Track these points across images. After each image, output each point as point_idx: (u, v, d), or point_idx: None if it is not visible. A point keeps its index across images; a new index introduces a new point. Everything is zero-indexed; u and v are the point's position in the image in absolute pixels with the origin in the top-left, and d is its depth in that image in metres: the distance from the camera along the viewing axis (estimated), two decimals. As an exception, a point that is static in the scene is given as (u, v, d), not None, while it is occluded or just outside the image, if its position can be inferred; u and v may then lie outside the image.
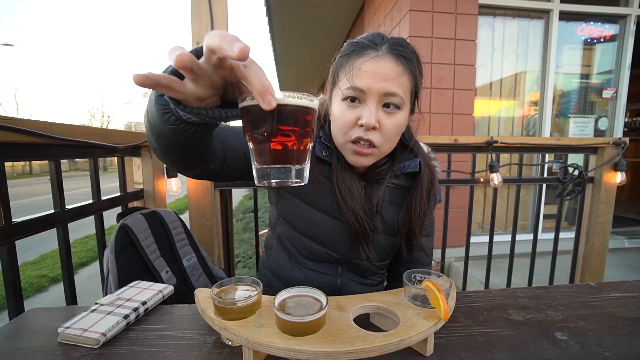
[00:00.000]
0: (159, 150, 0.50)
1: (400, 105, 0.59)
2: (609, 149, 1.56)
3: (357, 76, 0.57)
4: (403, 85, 0.58)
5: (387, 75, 0.57)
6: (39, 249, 3.76)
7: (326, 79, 0.69)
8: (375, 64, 0.57)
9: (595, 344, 0.50)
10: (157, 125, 0.43)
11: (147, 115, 0.46)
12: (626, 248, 2.90)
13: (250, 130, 0.37)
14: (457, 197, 2.55)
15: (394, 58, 0.58)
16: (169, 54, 0.33)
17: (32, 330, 0.55)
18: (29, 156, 0.74)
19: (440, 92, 2.59)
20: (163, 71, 0.38)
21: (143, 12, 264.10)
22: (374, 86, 0.57)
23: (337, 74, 0.62)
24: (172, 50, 0.32)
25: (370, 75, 0.57)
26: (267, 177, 0.38)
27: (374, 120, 0.57)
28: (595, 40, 2.99)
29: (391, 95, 0.57)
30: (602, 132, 3.09)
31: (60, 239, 0.85)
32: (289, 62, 6.88)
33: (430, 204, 0.68)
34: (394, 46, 0.59)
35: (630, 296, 0.67)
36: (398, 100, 0.58)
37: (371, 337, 0.43)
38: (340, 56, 0.63)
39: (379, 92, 0.57)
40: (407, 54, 0.59)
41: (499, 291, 0.70)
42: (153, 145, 0.51)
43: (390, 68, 0.57)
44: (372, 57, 0.57)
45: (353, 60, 0.59)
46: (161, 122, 0.42)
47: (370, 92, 0.57)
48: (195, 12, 1.30)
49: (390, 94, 0.57)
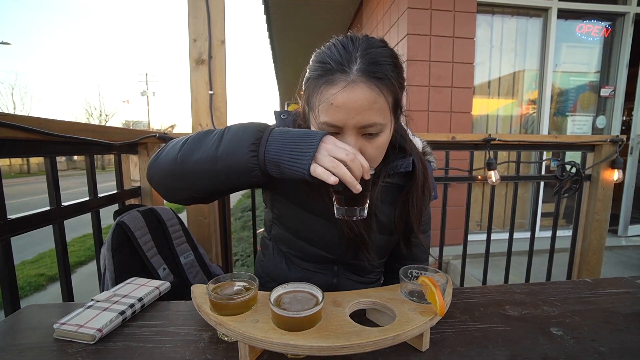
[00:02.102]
0: (192, 186, 0.56)
1: (380, 129, 0.55)
2: (606, 146, 1.56)
3: (330, 111, 0.53)
4: (381, 109, 0.54)
5: (362, 107, 0.52)
6: (37, 247, 3.75)
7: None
8: (347, 97, 0.51)
9: (590, 339, 0.51)
10: (231, 174, 0.52)
11: (210, 161, 0.53)
12: (623, 246, 2.92)
13: (336, 192, 0.55)
14: (455, 195, 2.55)
15: (367, 85, 0.52)
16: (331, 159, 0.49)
17: (28, 327, 0.54)
18: (24, 153, 0.74)
19: (438, 90, 2.60)
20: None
21: (140, 9, 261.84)
22: (349, 122, 0.53)
23: (309, 99, 0.57)
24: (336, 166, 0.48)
25: (344, 111, 0.52)
26: (342, 213, 0.56)
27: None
28: (593, 38, 3.00)
29: (369, 126, 0.54)
30: (600, 130, 3.10)
31: (57, 236, 0.85)
32: (287, 60, 6.86)
33: (425, 199, 0.68)
34: (366, 68, 0.52)
35: (625, 292, 0.67)
36: (377, 128, 0.55)
37: (367, 332, 0.43)
38: (309, 77, 0.58)
39: (356, 126, 0.54)
40: (382, 73, 0.53)
41: (495, 287, 0.70)
42: (184, 183, 0.56)
43: (364, 98, 0.52)
44: (342, 87, 0.51)
45: (322, 89, 0.53)
46: (241, 173, 0.52)
47: (347, 127, 0.54)
48: (192, 10, 1.29)
49: (368, 126, 0.54)
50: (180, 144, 0.56)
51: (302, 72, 0.62)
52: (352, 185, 0.48)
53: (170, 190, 0.59)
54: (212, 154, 0.52)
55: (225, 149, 0.52)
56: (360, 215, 0.55)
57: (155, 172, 0.58)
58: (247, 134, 0.51)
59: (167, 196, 0.61)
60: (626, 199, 3.12)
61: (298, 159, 0.49)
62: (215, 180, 0.54)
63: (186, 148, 0.55)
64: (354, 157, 0.48)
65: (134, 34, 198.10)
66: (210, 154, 0.52)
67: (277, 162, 0.50)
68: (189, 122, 1.36)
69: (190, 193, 0.58)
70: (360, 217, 0.55)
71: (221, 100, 1.33)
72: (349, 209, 0.54)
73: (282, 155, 0.50)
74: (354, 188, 0.48)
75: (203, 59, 1.30)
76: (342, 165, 0.48)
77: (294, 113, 0.70)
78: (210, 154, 0.52)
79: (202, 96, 1.32)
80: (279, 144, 0.50)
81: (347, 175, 0.48)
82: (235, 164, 0.51)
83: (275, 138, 0.51)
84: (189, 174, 0.54)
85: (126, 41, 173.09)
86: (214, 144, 0.53)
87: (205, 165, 0.53)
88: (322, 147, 0.49)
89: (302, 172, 0.49)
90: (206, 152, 0.53)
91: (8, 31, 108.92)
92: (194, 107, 1.33)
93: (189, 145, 0.55)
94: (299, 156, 0.49)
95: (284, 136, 0.51)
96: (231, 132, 0.53)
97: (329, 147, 0.49)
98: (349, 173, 0.48)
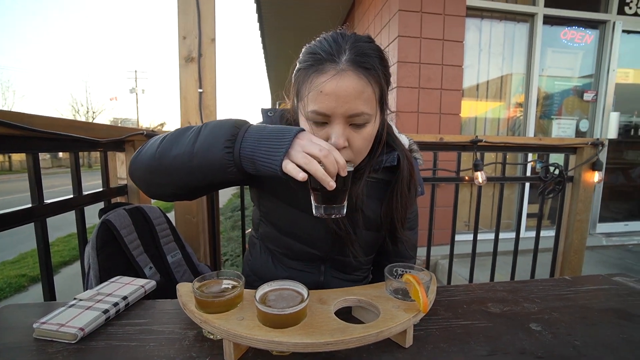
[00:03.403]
0: (170, 181, 0.56)
1: (367, 120, 0.57)
2: (587, 149, 1.62)
3: (319, 99, 0.54)
4: (368, 99, 0.56)
5: (350, 95, 0.54)
6: (19, 247, 3.65)
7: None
8: (337, 84, 0.53)
9: (567, 334, 0.52)
10: (208, 170, 0.52)
11: (187, 157, 0.53)
12: (604, 246, 3.01)
13: (314, 189, 0.54)
14: (443, 195, 2.59)
15: (356, 73, 0.54)
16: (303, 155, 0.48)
17: (7, 327, 0.53)
18: (4, 149, 0.72)
19: (428, 92, 2.63)
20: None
21: (130, 4, 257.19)
22: (337, 110, 0.54)
23: (299, 90, 0.59)
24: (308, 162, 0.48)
25: (333, 99, 0.54)
26: (320, 211, 0.55)
27: (343, 141, 0.56)
28: (577, 44, 3.09)
29: (357, 115, 0.55)
30: (582, 133, 3.20)
31: (39, 234, 0.83)
32: (278, 59, 6.84)
33: (411, 195, 0.69)
34: (355, 58, 0.54)
35: (601, 289, 0.70)
36: (365, 118, 0.56)
37: (351, 329, 0.44)
38: (299, 69, 0.59)
39: (344, 115, 0.55)
40: (369, 64, 0.55)
41: (479, 285, 0.71)
42: (163, 179, 0.56)
43: (352, 87, 0.53)
44: (331, 75, 0.53)
45: (312, 78, 0.55)
46: (217, 169, 0.51)
47: (335, 115, 0.55)
48: (182, 7, 1.28)
49: (355, 115, 0.55)
50: (159, 140, 0.56)
51: (292, 66, 0.63)
52: (325, 182, 0.47)
53: (150, 186, 0.59)
54: (189, 149, 0.52)
55: (201, 145, 0.52)
56: (339, 214, 0.54)
57: (136, 167, 0.59)
58: (223, 130, 0.51)
59: (148, 192, 0.60)
60: (594, 198, 3.24)
61: (271, 155, 0.49)
62: (192, 176, 0.54)
63: (165, 144, 0.55)
64: (327, 153, 0.48)
65: (123, 30, 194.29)
66: (187, 150, 0.52)
67: (252, 158, 0.50)
68: (179, 120, 1.35)
69: (170, 189, 0.58)
70: (338, 215, 0.54)
71: (211, 99, 1.32)
72: (327, 207, 0.53)
73: (256, 152, 0.49)
74: (327, 185, 0.47)
75: (193, 57, 1.29)
76: (315, 161, 0.48)
77: (281, 110, 0.70)
78: (187, 150, 0.52)
79: (192, 94, 1.31)
80: (254, 140, 0.50)
81: (320, 171, 0.47)
82: (211, 160, 0.51)
83: (251, 134, 0.51)
84: (167, 169, 0.54)
85: (115, 37, 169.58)
86: (191, 140, 0.53)
87: (183, 161, 0.53)
88: (296, 143, 0.49)
89: (274, 168, 0.48)
90: (183, 148, 0.53)
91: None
92: (183, 105, 1.32)
93: (168, 142, 0.55)
94: (272, 152, 0.49)
95: (259, 133, 0.51)
96: (208, 128, 0.53)
97: (303, 142, 0.49)
98: (321, 169, 0.47)
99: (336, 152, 0.49)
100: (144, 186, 0.60)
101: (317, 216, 0.55)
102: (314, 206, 0.55)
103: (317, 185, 0.50)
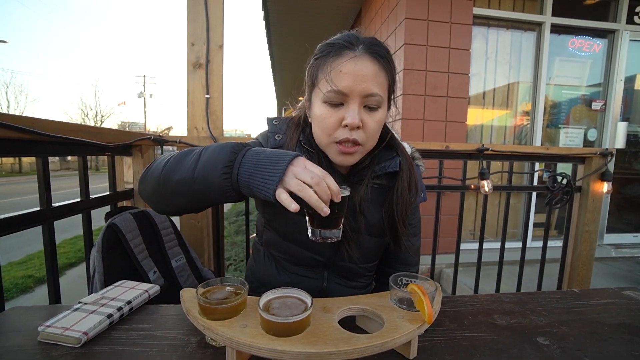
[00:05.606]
0: (174, 203, 0.57)
1: (380, 103, 0.61)
2: (596, 159, 1.59)
3: (338, 78, 0.58)
4: (381, 84, 0.60)
5: (367, 76, 0.58)
6: (26, 249, 3.68)
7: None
8: (355, 65, 0.58)
9: (576, 349, 0.51)
10: (209, 193, 0.53)
11: (188, 182, 0.53)
12: (613, 257, 2.95)
13: (309, 214, 0.55)
14: (448, 203, 2.56)
15: (371, 57, 0.59)
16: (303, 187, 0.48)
17: (12, 329, 0.54)
18: (15, 152, 0.73)
19: (434, 100, 2.63)
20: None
21: (140, 11, 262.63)
22: (355, 88, 0.58)
23: (316, 76, 0.62)
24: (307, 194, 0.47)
25: (351, 77, 0.57)
26: (316, 235, 0.55)
27: (358, 121, 0.58)
28: (585, 53, 3.07)
29: (372, 95, 0.59)
30: (591, 142, 3.16)
31: (46, 237, 0.84)
32: (285, 66, 6.90)
33: (412, 197, 0.69)
34: (370, 46, 0.60)
35: (611, 303, 0.68)
36: (378, 100, 0.60)
37: (354, 339, 0.43)
38: (316, 58, 0.63)
39: (361, 94, 0.58)
40: (382, 52, 0.60)
41: (485, 296, 0.70)
42: (169, 201, 0.58)
43: (369, 68, 0.58)
44: (350, 57, 0.58)
45: (331, 61, 0.59)
46: (216, 193, 0.52)
47: (352, 94, 0.58)
48: (191, 14, 1.31)
49: (371, 95, 0.59)
50: (163, 163, 0.57)
51: (307, 61, 0.66)
52: (318, 209, 0.48)
53: (158, 205, 0.61)
54: (189, 175, 0.53)
55: (200, 170, 0.52)
56: (335, 238, 0.55)
57: (143, 188, 0.61)
58: (221, 155, 0.52)
59: (156, 210, 0.62)
60: (602, 209, 3.18)
61: (265, 182, 0.49)
62: (194, 199, 0.55)
63: (168, 168, 0.56)
64: (319, 180, 0.48)
65: (132, 35, 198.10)
66: (188, 175, 0.53)
67: (248, 184, 0.50)
68: (186, 125, 1.36)
69: (175, 209, 0.60)
70: (335, 239, 0.55)
71: (217, 105, 1.34)
72: (322, 231, 0.54)
73: (252, 178, 0.50)
74: (321, 211, 0.48)
75: (200, 63, 1.31)
76: (309, 187, 0.48)
77: (285, 118, 0.72)
78: (188, 175, 0.53)
79: (199, 100, 1.33)
80: (250, 165, 0.51)
81: (313, 198, 0.48)
82: (210, 186, 0.52)
83: (248, 159, 0.52)
84: (171, 194, 0.56)
85: (125, 42, 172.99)
86: (192, 165, 0.53)
87: (184, 186, 0.54)
88: (290, 170, 0.49)
89: (268, 195, 0.49)
90: (184, 173, 0.54)
91: (5, 29, 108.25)
92: (190, 110, 1.34)
93: (170, 165, 0.56)
94: (266, 179, 0.49)
95: (256, 158, 0.51)
96: (207, 153, 0.54)
97: (297, 170, 0.49)
98: (315, 196, 0.48)
99: (330, 178, 0.50)
100: (151, 205, 0.61)
101: (311, 239, 0.55)
102: (309, 230, 0.55)
103: (312, 210, 0.50)
